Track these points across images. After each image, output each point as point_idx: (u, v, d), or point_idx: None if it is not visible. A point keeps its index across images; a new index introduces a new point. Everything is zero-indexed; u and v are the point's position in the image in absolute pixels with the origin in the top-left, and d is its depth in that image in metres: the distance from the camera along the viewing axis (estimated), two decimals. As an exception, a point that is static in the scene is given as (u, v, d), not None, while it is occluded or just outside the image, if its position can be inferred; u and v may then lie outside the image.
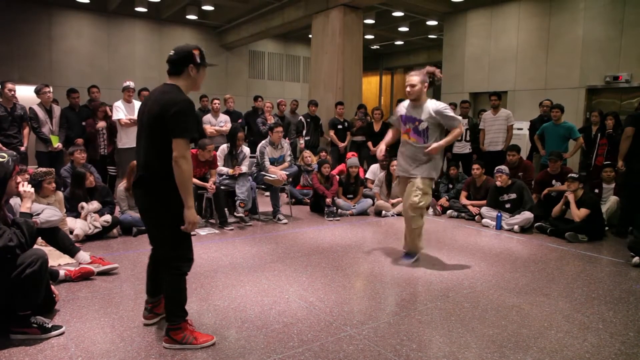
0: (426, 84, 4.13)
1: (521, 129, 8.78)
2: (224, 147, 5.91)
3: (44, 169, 4.62)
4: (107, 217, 4.90)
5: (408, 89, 4.13)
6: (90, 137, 6.59)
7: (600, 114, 7.10)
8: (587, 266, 4.33)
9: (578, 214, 5.26)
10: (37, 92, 6.33)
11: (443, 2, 10.90)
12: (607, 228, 5.63)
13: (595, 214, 5.30)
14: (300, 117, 8.57)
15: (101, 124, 6.62)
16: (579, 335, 2.87)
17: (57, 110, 6.55)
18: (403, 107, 4.28)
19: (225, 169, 5.76)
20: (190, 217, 2.50)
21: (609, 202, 5.93)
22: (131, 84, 6.67)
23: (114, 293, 3.41)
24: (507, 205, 5.84)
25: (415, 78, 4.09)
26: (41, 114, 6.28)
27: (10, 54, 11.14)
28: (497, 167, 5.89)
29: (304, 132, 8.46)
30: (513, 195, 5.77)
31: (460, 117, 4.13)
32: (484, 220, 6.01)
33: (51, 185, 4.51)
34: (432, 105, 4.11)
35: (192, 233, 2.64)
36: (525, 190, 5.76)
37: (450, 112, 4.09)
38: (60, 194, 4.75)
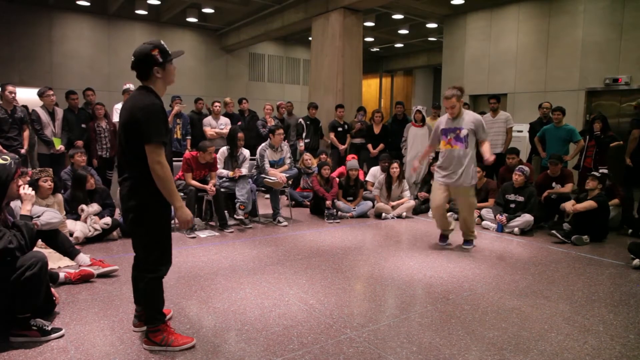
0: (461, 100, 4.69)
1: (521, 131, 8.79)
2: (223, 150, 5.91)
3: (39, 168, 4.58)
4: (107, 220, 4.89)
5: (450, 110, 4.69)
6: (91, 139, 6.61)
7: (602, 118, 7.09)
8: (587, 268, 4.33)
9: (584, 205, 5.24)
10: (40, 94, 6.36)
11: (443, 5, 10.92)
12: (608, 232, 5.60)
13: (602, 213, 5.28)
14: (300, 120, 8.57)
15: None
16: (580, 337, 2.87)
17: (59, 113, 6.56)
18: (442, 122, 4.81)
19: (225, 172, 5.76)
20: (182, 217, 2.56)
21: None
22: (131, 86, 6.69)
23: (113, 295, 3.41)
24: (512, 205, 5.83)
25: (453, 100, 4.63)
26: (44, 116, 6.30)
27: (10, 57, 11.16)
28: (519, 166, 5.88)
29: (304, 134, 8.46)
30: (521, 198, 5.77)
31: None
32: (484, 223, 6.01)
33: (47, 183, 4.47)
34: (469, 116, 4.70)
35: (191, 236, 2.65)
36: (534, 197, 5.74)
37: (485, 126, 4.74)
38: (59, 196, 4.75)
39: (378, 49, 17.09)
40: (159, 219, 2.55)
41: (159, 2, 11.61)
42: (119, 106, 6.61)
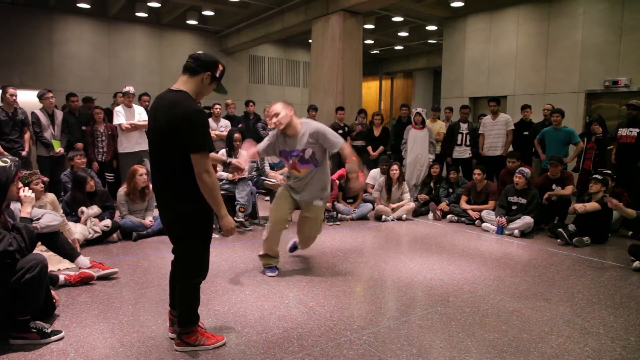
0: (291, 108, 3.71)
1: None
2: (222, 152, 5.91)
3: (27, 171, 4.55)
4: (107, 222, 4.89)
5: (272, 121, 3.66)
6: (88, 144, 6.60)
7: (600, 120, 7.11)
8: (587, 270, 4.33)
9: (589, 206, 5.20)
10: (40, 97, 6.36)
11: (442, 7, 10.95)
12: (609, 234, 5.59)
13: (605, 215, 5.27)
14: None
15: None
16: (580, 340, 2.87)
17: (59, 115, 6.57)
18: (277, 138, 3.81)
19: (224, 174, 5.76)
20: (226, 225, 2.54)
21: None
22: (131, 89, 6.69)
23: (113, 298, 3.40)
24: (514, 208, 5.83)
25: (276, 107, 3.66)
26: (43, 118, 6.31)
27: (11, 59, 11.17)
28: (520, 169, 5.83)
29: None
30: (523, 201, 5.76)
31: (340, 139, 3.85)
32: (484, 225, 6.01)
33: (38, 186, 4.42)
34: (306, 127, 3.69)
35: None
36: (536, 199, 5.73)
37: (330, 132, 3.76)
38: (51, 195, 4.70)
39: (378, 52, 17.11)
40: (203, 227, 2.53)
41: (159, 5, 11.62)
42: (120, 109, 6.61)
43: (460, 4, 10.31)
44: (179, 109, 2.35)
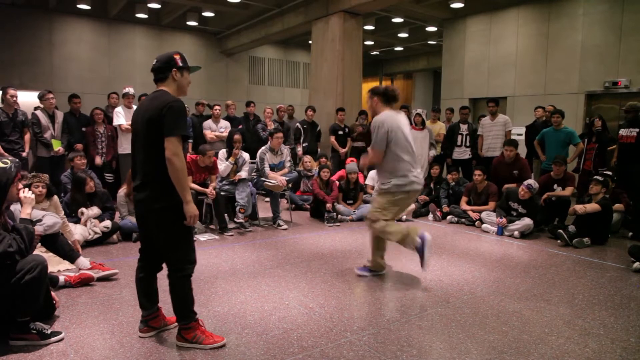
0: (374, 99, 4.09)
1: (521, 134, 8.79)
2: (223, 152, 5.93)
3: (32, 174, 4.53)
4: (107, 223, 4.89)
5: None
6: (89, 143, 6.61)
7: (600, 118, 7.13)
8: (587, 272, 4.33)
9: (591, 206, 5.21)
10: (40, 97, 6.37)
11: (442, 9, 10.96)
12: (609, 235, 5.59)
13: (605, 216, 5.27)
14: (297, 124, 8.56)
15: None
16: (580, 341, 2.86)
17: (59, 116, 6.58)
18: (403, 123, 4.31)
19: (225, 164, 5.74)
20: (189, 211, 2.57)
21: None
22: (131, 90, 6.70)
23: (113, 299, 3.40)
24: (514, 213, 5.83)
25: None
26: (43, 119, 6.32)
27: (11, 60, 11.18)
28: (526, 182, 5.68)
29: (302, 138, 8.43)
30: (523, 210, 5.75)
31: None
32: (484, 226, 6.00)
33: (38, 189, 4.39)
34: (376, 117, 4.06)
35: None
36: (536, 209, 5.72)
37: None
38: (55, 198, 4.70)
39: (378, 53, 17.13)
40: (184, 217, 2.58)
41: (159, 6, 11.64)
42: (120, 110, 6.62)
43: (460, 5, 10.32)
44: (159, 99, 2.54)
